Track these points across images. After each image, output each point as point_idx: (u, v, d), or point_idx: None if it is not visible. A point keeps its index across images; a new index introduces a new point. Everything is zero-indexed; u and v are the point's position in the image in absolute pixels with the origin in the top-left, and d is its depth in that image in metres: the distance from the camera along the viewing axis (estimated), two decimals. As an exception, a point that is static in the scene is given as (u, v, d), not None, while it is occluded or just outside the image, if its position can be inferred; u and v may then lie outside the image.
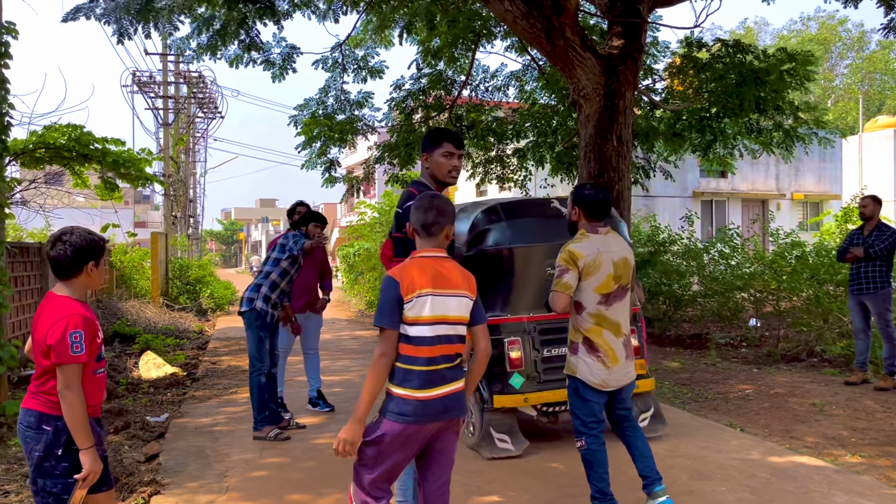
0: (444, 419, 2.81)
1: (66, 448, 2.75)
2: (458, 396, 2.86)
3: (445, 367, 2.82)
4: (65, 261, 2.80)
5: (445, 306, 2.81)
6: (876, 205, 7.18)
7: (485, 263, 5.15)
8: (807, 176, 23.00)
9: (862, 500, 4.09)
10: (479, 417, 5.08)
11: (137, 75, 21.23)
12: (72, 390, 2.69)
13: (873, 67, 43.33)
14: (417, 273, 2.80)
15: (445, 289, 2.83)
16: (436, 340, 2.79)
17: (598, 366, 3.74)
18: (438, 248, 2.93)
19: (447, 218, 2.94)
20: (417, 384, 2.75)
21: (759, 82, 9.77)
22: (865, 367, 7.18)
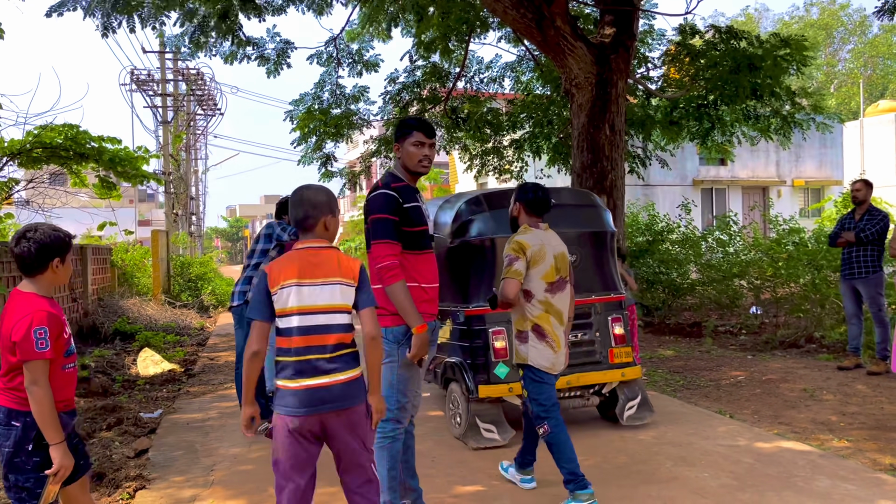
0: (323, 411, 2.75)
1: (37, 443, 2.76)
2: (340, 388, 2.78)
3: (319, 357, 2.77)
4: (29, 257, 2.82)
5: (315, 295, 2.78)
6: (868, 189, 7.15)
7: (469, 254, 5.17)
8: (807, 162, 22.88)
9: (844, 483, 4.09)
10: (465, 408, 5.09)
11: (136, 73, 21.28)
12: (39, 386, 2.70)
13: (876, 52, 43.03)
14: (286, 265, 2.83)
15: (315, 278, 2.80)
16: (304, 331, 2.77)
17: (549, 351, 3.92)
18: (318, 239, 2.91)
19: (320, 209, 2.91)
20: (289, 374, 2.78)
21: (754, 68, 9.72)
22: (858, 351, 7.17)
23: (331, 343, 2.79)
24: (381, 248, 3.44)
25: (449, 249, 5.26)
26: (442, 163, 27.17)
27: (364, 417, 2.87)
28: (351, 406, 2.81)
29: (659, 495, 4.01)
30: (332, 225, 2.96)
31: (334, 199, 3.01)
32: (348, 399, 2.80)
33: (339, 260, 2.88)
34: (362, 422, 2.87)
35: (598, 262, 5.44)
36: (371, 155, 13.96)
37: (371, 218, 3.52)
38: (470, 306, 5.09)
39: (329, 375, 2.77)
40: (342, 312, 2.83)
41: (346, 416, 2.81)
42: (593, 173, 8.92)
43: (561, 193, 5.60)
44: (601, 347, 5.27)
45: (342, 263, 2.87)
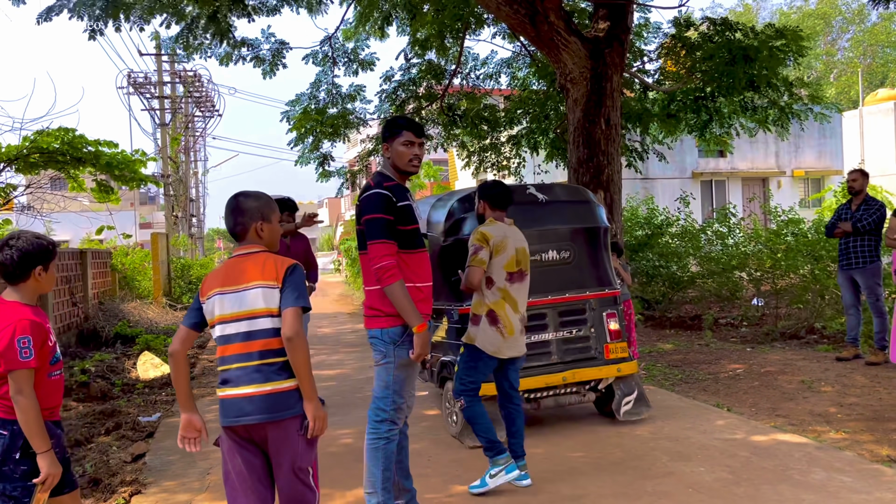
0: (245, 423, 2.66)
1: (24, 451, 2.75)
2: (263, 399, 2.66)
3: (241, 365, 2.69)
4: (11, 265, 2.81)
5: (237, 302, 2.71)
6: (864, 179, 7.12)
7: (462, 252, 5.14)
8: (807, 152, 22.82)
9: (840, 475, 4.08)
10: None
11: (133, 76, 21.28)
12: (24, 395, 2.70)
13: (875, 40, 42.88)
14: (214, 275, 2.81)
15: (236, 285, 2.73)
16: (226, 339, 2.72)
17: (497, 336, 4.18)
18: (250, 245, 2.84)
19: (249, 216, 2.83)
20: (219, 383, 2.77)
21: (750, 60, 9.68)
22: (857, 342, 7.15)
23: (254, 351, 2.70)
24: (377, 248, 3.42)
25: (442, 248, 5.26)
26: (441, 160, 27.15)
27: (295, 433, 2.70)
28: (276, 420, 2.66)
29: (654, 490, 4.01)
30: (266, 231, 2.86)
31: (268, 205, 2.91)
32: (273, 412, 2.66)
33: (264, 262, 2.77)
34: (291, 438, 2.70)
35: (592, 258, 5.42)
36: (368, 154, 13.95)
37: (365, 218, 3.48)
38: (464, 304, 5.07)
39: (255, 385, 2.67)
40: (265, 317, 2.71)
41: (273, 430, 2.68)
42: (590, 168, 8.90)
43: (554, 189, 5.60)
44: (596, 343, 5.25)
45: (267, 266, 2.76)
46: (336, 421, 6.07)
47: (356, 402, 6.81)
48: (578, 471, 4.40)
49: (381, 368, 3.54)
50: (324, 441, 5.38)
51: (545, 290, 5.15)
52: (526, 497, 4.04)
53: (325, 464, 4.82)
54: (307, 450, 2.75)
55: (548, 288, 5.16)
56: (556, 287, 5.20)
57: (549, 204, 5.34)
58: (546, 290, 5.15)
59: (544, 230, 5.21)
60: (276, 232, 2.92)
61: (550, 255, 5.21)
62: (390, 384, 3.53)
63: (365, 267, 3.57)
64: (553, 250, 5.22)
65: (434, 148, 14.56)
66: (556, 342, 5.16)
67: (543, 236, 5.19)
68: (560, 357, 5.14)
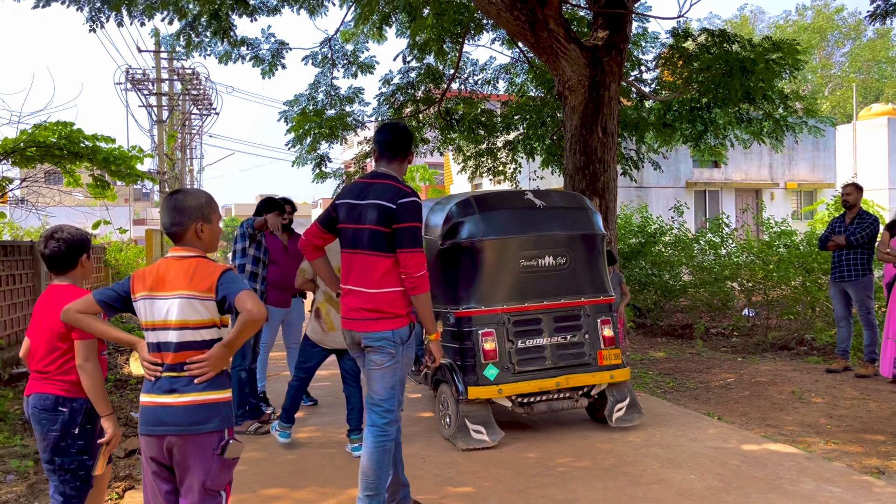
0: (160, 433, 2.60)
1: (82, 427, 3.03)
2: (182, 410, 2.59)
3: (166, 374, 2.64)
4: (60, 256, 3.13)
5: (161, 310, 2.65)
6: (858, 192, 7.20)
7: (459, 256, 5.18)
8: (800, 165, 22.98)
9: (830, 486, 4.13)
10: (455, 409, 5.11)
11: (131, 73, 21.26)
12: (90, 362, 2.97)
13: (872, 56, 43.21)
14: (144, 274, 2.73)
15: (162, 290, 2.66)
16: (156, 347, 2.66)
17: (319, 329, 5.03)
18: (187, 247, 2.75)
19: (188, 216, 2.74)
20: (143, 389, 2.72)
21: (746, 72, 9.76)
22: (847, 354, 7.21)
23: (177, 361, 2.63)
24: (418, 257, 3.44)
25: (440, 251, 5.28)
26: (437, 163, 27.20)
27: (210, 451, 2.62)
28: (193, 433, 2.59)
29: (645, 497, 4.04)
30: (205, 232, 2.77)
31: (209, 205, 2.81)
32: (191, 425, 2.59)
33: (195, 269, 2.67)
34: (206, 455, 2.61)
35: (588, 265, 5.44)
36: (365, 156, 13.98)
37: (410, 225, 3.45)
38: (460, 308, 5.11)
39: (170, 395, 2.61)
40: (193, 329, 2.65)
41: (187, 443, 2.60)
42: (586, 175, 8.96)
43: (551, 196, 5.63)
44: (590, 349, 5.27)
45: (196, 274, 2.66)
46: (329, 421, 6.09)
47: (349, 403, 6.83)
48: (570, 476, 4.43)
49: (386, 371, 3.52)
50: (318, 441, 5.41)
51: (541, 295, 5.20)
52: (518, 500, 4.06)
53: (319, 463, 4.85)
54: (222, 470, 2.66)
55: (543, 293, 5.21)
56: (552, 293, 5.23)
57: (546, 210, 5.37)
58: (542, 295, 5.20)
59: (541, 236, 5.24)
60: (216, 234, 2.84)
61: (547, 260, 5.23)
62: (397, 385, 3.56)
63: (370, 268, 3.50)
64: (549, 256, 5.24)
65: (430, 151, 14.61)
66: (550, 347, 5.18)
67: (540, 242, 5.22)
68: (554, 362, 5.17)
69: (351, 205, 3.57)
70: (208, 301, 2.65)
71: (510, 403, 5.19)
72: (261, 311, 2.60)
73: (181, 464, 2.62)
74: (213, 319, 2.68)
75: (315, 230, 3.75)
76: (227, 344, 2.68)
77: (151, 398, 2.64)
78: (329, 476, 4.59)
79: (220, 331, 2.71)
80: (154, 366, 2.66)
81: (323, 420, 6.15)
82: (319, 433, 5.68)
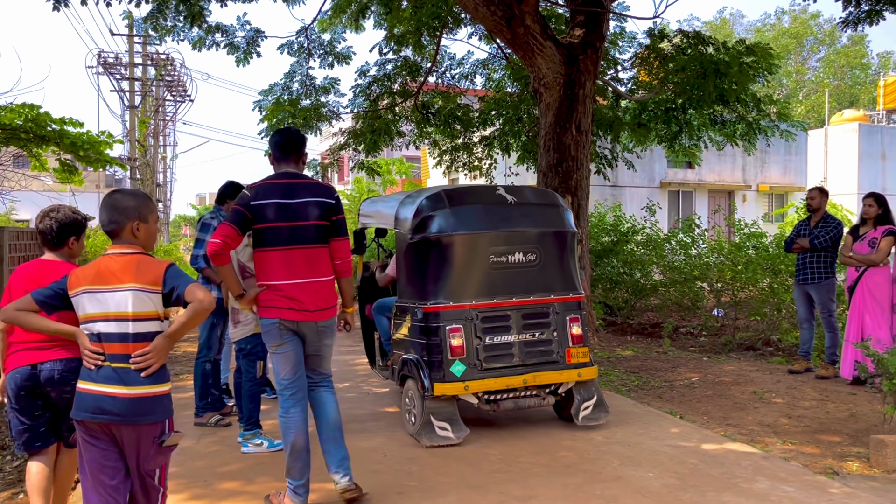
0: (104, 420, 2.68)
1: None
2: (125, 402, 2.67)
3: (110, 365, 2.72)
4: (51, 234, 3.38)
5: (106, 303, 2.72)
6: (823, 197, 7.29)
7: (429, 250, 5.13)
8: (773, 168, 23.26)
9: (783, 485, 4.18)
10: (420, 405, 5.05)
11: (103, 56, 20.89)
12: None
13: (846, 62, 43.85)
14: (83, 271, 2.80)
15: (107, 284, 2.73)
16: (98, 338, 2.74)
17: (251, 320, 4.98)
18: (125, 244, 2.84)
19: (125, 214, 2.83)
20: (80, 376, 2.78)
21: (720, 74, 9.84)
22: (809, 356, 7.32)
23: (121, 352, 2.71)
24: (348, 243, 3.96)
25: (409, 245, 5.23)
26: (414, 157, 27.12)
27: (152, 439, 2.73)
28: (134, 423, 2.69)
29: (602, 494, 4.06)
30: (142, 231, 2.87)
31: (146, 206, 2.92)
32: (134, 416, 2.69)
33: (139, 264, 2.77)
34: (147, 443, 2.73)
35: (558, 262, 5.39)
36: (340, 147, 13.89)
37: (343, 216, 3.92)
38: (428, 303, 5.06)
39: (117, 386, 2.69)
40: (138, 320, 2.73)
41: (131, 432, 2.71)
42: (559, 172, 8.98)
43: (523, 192, 5.59)
44: (558, 347, 5.24)
45: (142, 268, 2.76)
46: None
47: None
48: (530, 472, 4.44)
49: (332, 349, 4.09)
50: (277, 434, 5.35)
51: (510, 291, 5.16)
52: (476, 495, 4.06)
53: (277, 457, 4.80)
54: (157, 454, 2.78)
55: (513, 290, 5.17)
56: (521, 289, 5.20)
57: (517, 206, 5.33)
58: (511, 291, 5.16)
59: (512, 232, 5.20)
60: (152, 234, 2.94)
61: (517, 257, 5.19)
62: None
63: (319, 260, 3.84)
64: (520, 252, 5.20)
65: (406, 145, 14.56)
66: (518, 344, 5.14)
67: (511, 238, 5.18)
68: (522, 359, 5.12)
69: (282, 204, 3.76)
70: (154, 294, 2.75)
71: (476, 400, 5.12)
72: (211, 301, 2.74)
73: (125, 447, 2.75)
74: (157, 312, 2.77)
75: (233, 233, 3.72)
76: (170, 335, 2.78)
77: (93, 386, 2.71)
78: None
79: (162, 324, 2.79)
80: (96, 355, 2.72)
81: (286, 412, 6.09)
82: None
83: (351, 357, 9.06)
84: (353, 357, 9.05)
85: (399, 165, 21.36)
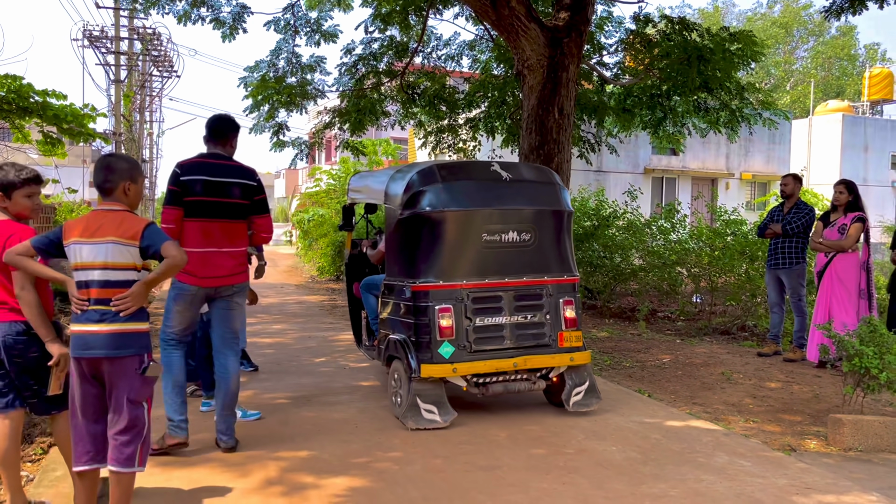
0: (91, 355, 3.09)
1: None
2: (106, 338, 3.09)
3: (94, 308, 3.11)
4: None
5: (92, 253, 3.12)
6: (796, 183, 7.40)
7: (419, 227, 4.97)
8: (756, 156, 23.44)
9: (741, 460, 4.31)
10: (407, 387, 4.89)
11: (89, 29, 20.67)
12: (27, 291, 3.28)
13: (833, 53, 44.03)
14: (76, 223, 3.19)
15: (92, 237, 3.12)
16: (85, 285, 3.13)
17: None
18: (114, 202, 3.23)
19: (119, 175, 3.23)
20: (72, 319, 3.18)
21: (704, 61, 9.90)
22: (779, 339, 7.46)
23: (107, 297, 3.12)
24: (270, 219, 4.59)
25: (399, 221, 5.08)
26: (401, 138, 27.09)
27: (133, 370, 3.14)
28: (117, 356, 3.11)
29: (565, 465, 4.17)
30: (132, 191, 3.28)
31: (137, 168, 3.35)
32: (114, 349, 3.10)
33: (122, 221, 3.17)
34: (129, 374, 3.14)
35: (553, 242, 5.23)
36: (325, 126, 13.87)
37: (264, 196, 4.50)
38: (417, 281, 4.90)
39: (98, 324, 3.10)
40: (117, 269, 3.13)
41: (113, 364, 3.11)
42: (540, 155, 9.03)
43: (519, 168, 5.44)
44: (551, 330, 5.10)
45: (124, 224, 3.16)
46: (268, 387, 6.13)
47: (290, 369, 6.87)
48: (496, 443, 4.55)
49: (242, 311, 4.57)
50: (253, 406, 5.44)
51: (503, 272, 5.03)
52: (441, 464, 4.17)
53: (251, 427, 4.89)
54: (142, 387, 3.18)
55: (506, 270, 5.04)
56: (514, 270, 5.07)
57: (512, 183, 5.17)
58: (504, 272, 5.03)
59: (506, 210, 5.05)
60: (139, 194, 3.36)
61: (511, 236, 5.04)
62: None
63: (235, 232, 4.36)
64: (514, 231, 5.05)
65: (392, 125, 14.56)
66: (509, 326, 5.00)
67: (505, 216, 5.03)
68: (513, 342, 4.99)
69: (208, 181, 4.27)
70: (132, 247, 3.15)
71: (465, 383, 4.96)
72: (183, 258, 3.19)
73: (110, 382, 3.14)
74: (134, 263, 3.18)
75: (178, 213, 4.26)
76: (147, 282, 3.19)
77: (80, 327, 3.12)
78: (259, 439, 4.64)
79: (140, 273, 3.20)
80: (81, 301, 3.12)
81: (262, 385, 6.19)
82: (256, 399, 5.72)
83: (330, 333, 9.15)
84: (332, 333, 9.14)
85: (386, 146, 21.36)
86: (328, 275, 17.44)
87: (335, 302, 12.93)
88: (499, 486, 3.87)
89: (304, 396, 5.78)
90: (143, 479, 3.86)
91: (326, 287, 15.72)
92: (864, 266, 6.70)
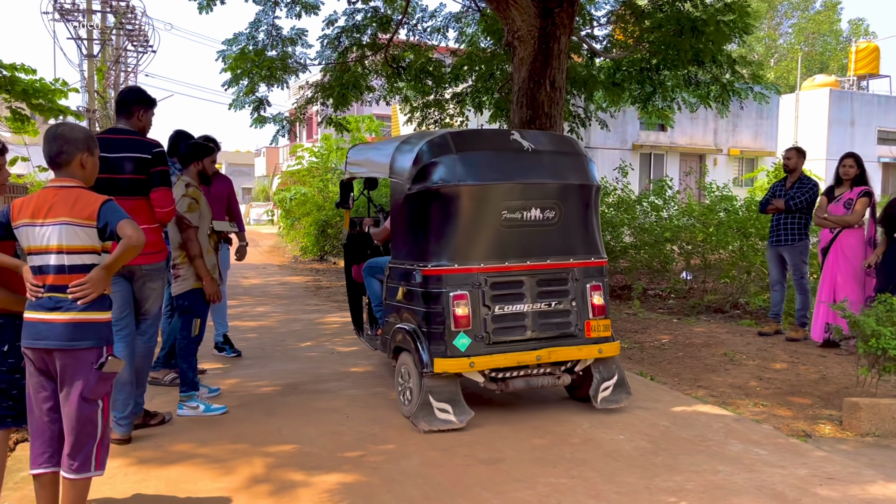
0: (41, 346, 2.81)
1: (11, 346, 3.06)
2: (61, 327, 2.79)
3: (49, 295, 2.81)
4: None
5: (43, 236, 2.81)
6: (800, 157, 7.17)
7: (430, 203, 4.42)
8: (744, 132, 23.27)
9: (757, 448, 4.08)
10: (418, 383, 4.40)
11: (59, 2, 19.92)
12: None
13: (817, 28, 43.93)
14: (26, 202, 2.85)
15: (43, 218, 2.81)
16: (40, 270, 2.83)
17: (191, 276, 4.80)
18: (69, 178, 2.91)
19: (75, 146, 2.90)
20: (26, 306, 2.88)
21: (697, 32, 9.62)
22: (779, 318, 7.26)
23: (60, 283, 2.81)
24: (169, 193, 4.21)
25: (407, 196, 4.53)
26: (384, 115, 26.64)
27: (89, 365, 2.83)
28: (72, 348, 2.81)
29: (573, 457, 3.92)
30: (88, 163, 2.96)
31: (93, 140, 3.02)
32: (69, 340, 2.80)
33: (77, 199, 2.84)
34: (85, 369, 2.82)
35: (580, 221, 4.71)
36: (308, 101, 13.45)
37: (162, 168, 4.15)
38: (429, 265, 4.37)
39: (51, 312, 2.80)
40: (74, 253, 2.83)
41: (68, 357, 2.82)
42: (531, 129, 8.74)
43: (541, 138, 4.87)
44: (577, 319, 4.59)
45: (78, 203, 2.83)
46: (252, 374, 5.83)
47: (275, 354, 6.58)
48: (497, 434, 4.29)
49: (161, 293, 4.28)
50: (236, 394, 5.15)
51: (524, 254, 4.50)
52: (440, 457, 3.90)
53: (234, 417, 4.60)
54: (99, 383, 2.86)
55: (527, 252, 4.51)
56: (537, 252, 4.53)
57: (535, 154, 4.61)
58: (525, 254, 4.50)
59: (528, 185, 4.49)
60: (95, 167, 3.02)
61: (533, 213, 4.49)
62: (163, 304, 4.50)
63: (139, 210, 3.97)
64: (536, 209, 4.50)
65: (377, 100, 14.17)
66: (531, 315, 4.48)
67: (527, 191, 4.48)
68: (535, 332, 4.47)
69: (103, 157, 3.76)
70: (89, 228, 2.84)
71: (483, 379, 4.48)
72: (140, 238, 2.83)
73: (62, 375, 2.83)
74: (93, 246, 2.87)
75: None
76: (106, 267, 2.87)
77: (33, 314, 2.83)
78: (243, 432, 4.35)
79: (100, 257, 2.89)
80: (35, 287, 2.81)
81: (246, 373, 5.89)
82: (240, 387, 5.42)
83: (316, 315, 8.85)
84: (318, 315, 8.84)
85: (369, 123, 20.95)
86: (311, 255, 17.10)
87: (319, 282, 12.62)
88: (504, 482, 3.60)
89: (290, 384, 5.48)
90: (118, 481, 3.57)
91: (310, 267, 15.39)
92: (870, 242, 6.49)
